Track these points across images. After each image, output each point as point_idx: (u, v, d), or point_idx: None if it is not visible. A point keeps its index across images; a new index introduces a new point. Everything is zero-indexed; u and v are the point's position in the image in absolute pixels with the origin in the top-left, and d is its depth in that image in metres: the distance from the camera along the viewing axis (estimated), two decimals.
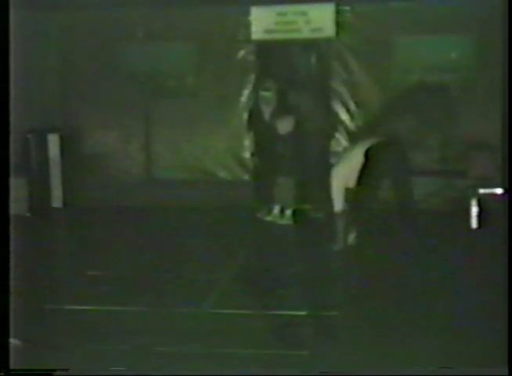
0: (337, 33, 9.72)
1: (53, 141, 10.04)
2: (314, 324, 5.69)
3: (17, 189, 9.51)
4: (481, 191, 4.34)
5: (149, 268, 7.23)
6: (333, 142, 9.97)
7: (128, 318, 5.82)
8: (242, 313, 5.98)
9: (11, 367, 4.06)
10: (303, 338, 5.34)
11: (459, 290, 6.22)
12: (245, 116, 9.58)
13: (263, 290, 6.57)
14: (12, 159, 10.84)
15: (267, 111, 9.27)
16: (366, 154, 7.42)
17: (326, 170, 9.90)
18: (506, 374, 3.91)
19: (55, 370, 4.30)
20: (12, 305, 4.19)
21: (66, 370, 4.36)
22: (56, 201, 10.13)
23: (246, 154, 9.86)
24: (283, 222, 9.17)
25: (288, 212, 9.26)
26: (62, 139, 10.08)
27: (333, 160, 9.91)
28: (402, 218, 7.80)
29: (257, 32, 9.79)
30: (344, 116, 9.92)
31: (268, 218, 9.20)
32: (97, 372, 4.69)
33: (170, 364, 4.88)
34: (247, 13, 9.77)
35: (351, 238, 7.70)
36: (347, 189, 7.54)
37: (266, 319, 5.83)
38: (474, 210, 4.25)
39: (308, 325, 5.67)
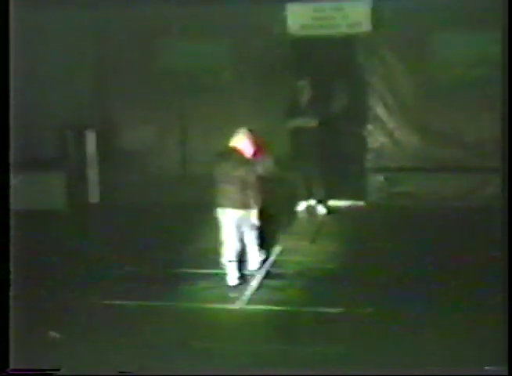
0: (374, 28, 9.76)
1: (90, 137, 10.32)
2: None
3: (54, 184, 9.80)
4: None
5: (184, 263, 7.39)
6: (370, 139, 9.97)
7: (164, 313, 6.02)
8: (278, 309, 6.11)
9: (11, 367, 4.21)
10: None
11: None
12: (282, 111, 9.61)
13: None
14: (50, 155, 11.10)
15: (303, 102, 9.35)
16: None
17: (362, 166, 10.02)
18: (506, 374, 4.06)
19: (55, 370, 4.44)
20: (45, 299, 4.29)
21: (58, 370, 4.46)
22: (93, 197, 10.38)
23: (284, 149, 9.89)
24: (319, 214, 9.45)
25: (321, 206, 9.52)
26: (99, 135, 10.35)
27: (369, 156, 9.96)
28: None
29: (293, 28, 9.87)
30: (380, 111, 9.91)
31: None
32: (96, 372, 4.82)
33: (204, 360, 5.04)
34: (284, 9, 9.85)
35: None
36: None
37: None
38: None
39: None
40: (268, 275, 7.02)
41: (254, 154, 6.87)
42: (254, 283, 6.76)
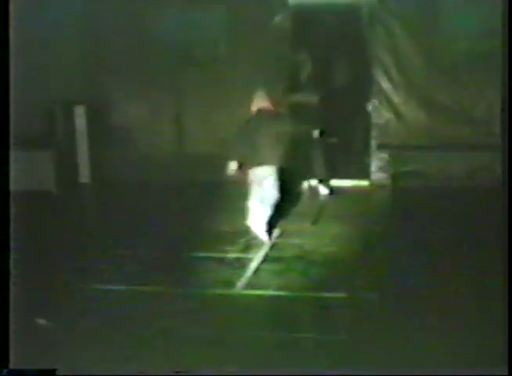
0: None
1: (80, 113, 10.16)
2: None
3: (43, 163, 9.67)
4: None
5: (179, 247, 7.32)
6: (374, 115, 9.86)
7: (156, 299, 5.92)
8: (275, 295, 6.05)
9: (11, 367, 4.21)
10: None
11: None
12: (281, 85, 9.51)
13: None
14: (37, 132, 11.01)
15: (303, 76, 9.26)
16: None
17: (365, 143, 9.94)
18: (506, 374, 4.07)
19: (53, 370, 4.40)
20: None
21: (55, 370, 4.43)
22: (83, 176, 10.28)
23: None
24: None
25: (323, 186, 9.45)
26: (89, 110, 10.19)
27: (374, 133, 9.88)
28: None
29: None
30: (385, 85, 9.80)
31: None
32: (97, 371, 4.75)
33: (199, 350, 4.96)
34: None
35: None
36: None
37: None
38: None
39: None
40: (266, 258, 6.94)
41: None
42: (251, 267, 6.67)
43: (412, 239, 7.37)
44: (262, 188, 7.24)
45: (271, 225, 7.37)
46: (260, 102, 7.40)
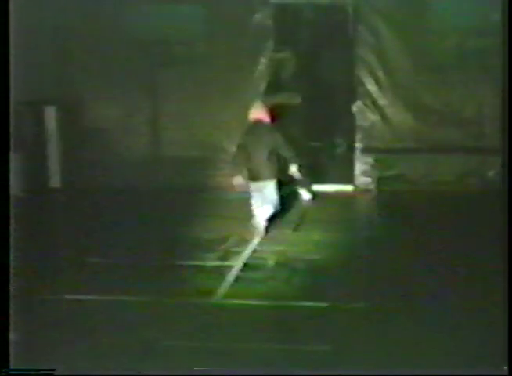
0: None
1: (50, 114, 10.03)
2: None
3: (10, 166, 9.49)
4: None
5: (155, 255, 7.23)
6: (359, 117, 9.83)
7: (130, 309, 5.84)
8: (258, 304, 6.01)
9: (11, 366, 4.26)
10: None
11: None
12: (261, 86, 9.46)
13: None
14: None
15: (285, 76, 9.24)
16: None
17: (350, 146, 9.91)
18: (507, 374, 4.15)
19: (52, 370, 4.40)
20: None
21: (53, 370, 4.43)
22: (54, 181, 10.14)
23: None
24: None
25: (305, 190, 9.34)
26: (60, 111, 10.06)
27: (358, 136, 9.87)
28: None
29: None
30: (371, 87, 9.77)
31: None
32: (95, 371, 4.70)
33: (175, 360, 4.89)
34: None
35: None
36: None
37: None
38: None
39: None
40: (246, 266, 6.88)
41: (272, 121, 7.99)
42: (231, 276, 6.61)
43: (397, 245, 7.34)
44: (263, 194, 7.73)
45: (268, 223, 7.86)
46: (257, 113, 7.87)
